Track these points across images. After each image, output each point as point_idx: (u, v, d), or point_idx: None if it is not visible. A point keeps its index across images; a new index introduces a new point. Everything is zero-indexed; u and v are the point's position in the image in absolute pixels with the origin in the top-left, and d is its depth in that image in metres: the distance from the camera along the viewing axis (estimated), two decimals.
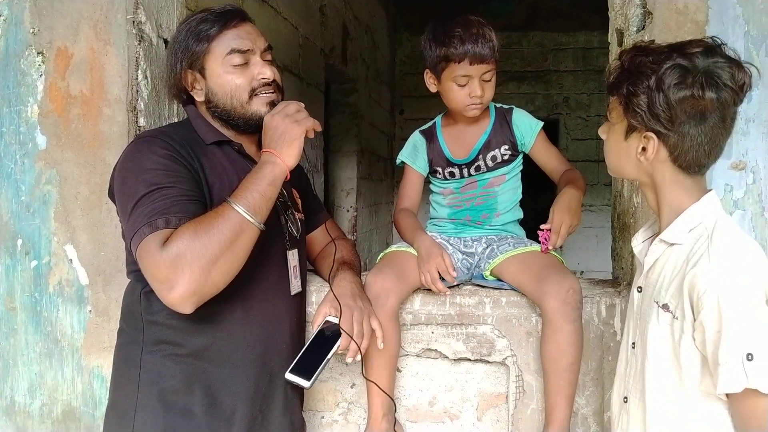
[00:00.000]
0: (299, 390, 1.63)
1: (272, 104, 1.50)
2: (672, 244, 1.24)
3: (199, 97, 1.53)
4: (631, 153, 1.24)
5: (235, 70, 1.48)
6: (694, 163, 1.21)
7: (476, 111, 1.81)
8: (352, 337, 1.50)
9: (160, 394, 1.40)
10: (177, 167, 1.37)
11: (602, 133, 1.33)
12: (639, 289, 1.32)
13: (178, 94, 1.57)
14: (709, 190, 1.24)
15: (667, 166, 1.22)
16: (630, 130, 1.23)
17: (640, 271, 1.34)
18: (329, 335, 1.49)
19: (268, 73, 1.50)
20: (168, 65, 1.56)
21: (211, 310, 1.37)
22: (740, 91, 1.16)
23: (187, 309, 1.28)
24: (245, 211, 1.30)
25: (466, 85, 1.76)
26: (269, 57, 1.55)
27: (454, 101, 1.81)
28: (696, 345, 1.14)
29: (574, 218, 1.69)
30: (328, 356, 1.46)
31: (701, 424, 1.16)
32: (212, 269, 1.26)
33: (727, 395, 1.11)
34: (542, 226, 1.70)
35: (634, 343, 1.31)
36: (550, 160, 1.90)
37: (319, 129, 1.44)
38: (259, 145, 1.62)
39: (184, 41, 1.50)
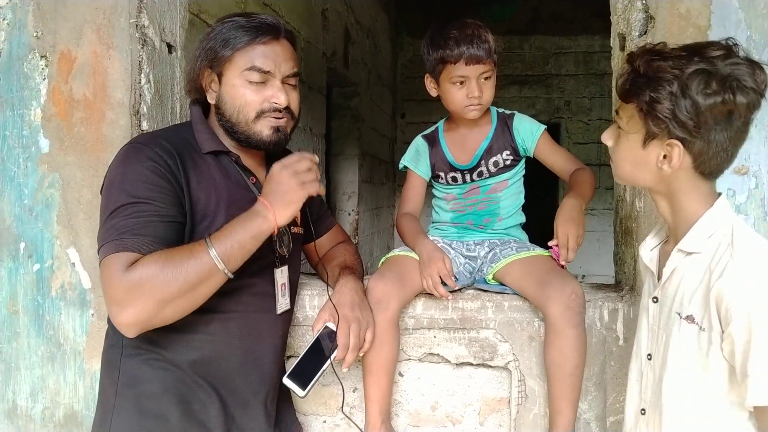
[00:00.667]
0: (281, 404, 1.63)
1: (277, 130, 1.48)
2: (690, 253, 1.19)
3: (211, 99, 1.51)
4: (650, 161, 1.18)
5: (250, 86, 1.45)
6: (717, 169, 1.17)
7: (476, 112, 1.81)
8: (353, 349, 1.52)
9: (136, 398, 1.40)
10: (160, 181, 1.36)
11: (607, 139, 1.27)
12: (655, 300, 1.28)
13: (193, 89, 1.55)
14: (719, 194, 1.21)
15: (688, 173, 1.17)
16: (649, 137, 1.16)
17: (651, 281, 1.31)
18: (327, 341, 1.51)
19: (282, 98, 1.45)
20: (192, 58, 1.53)
21: (187, 320, 1.35)
22: (763, 93, 1.12)
23: (130, 334, 1.30)
24: (217, 257, 1.29)
25: (464, 87, 1.77)
26: (293, 82, 1.51)
27: (453, 103, 1.82)
28: (724, 355, 1.11)
29: (579, 228, 1.66)
30: (324, 367, 1.47)
31: None
32: (167, 307, 1.27)
33: (755, 409, 1.09)
34: (550, 243, 1.69)
35: (650, 355, 1.28)
36: (557, 160, 1.90)
37: (323, 193, 1.44)
38: (260, 159, 1.60)
39: (213, 41, 1.46)
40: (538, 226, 1.82)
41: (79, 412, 1.85)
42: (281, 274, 1.56)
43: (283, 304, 1.57)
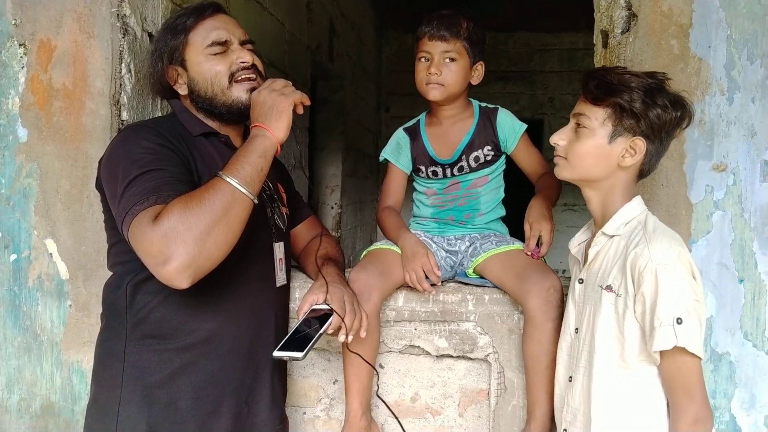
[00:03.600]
0: (284, 385, 1.63)
1: (253, 90, 1.50)
2: (612, 237, 1.41)
3: (182, 91, 1.54)
4: (612, 156, 1.38)
5: (214, 58, 1.50)
6: (649, 170, 1.42)
7: (435, 92, 1.80)
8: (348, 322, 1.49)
9: (145, 388, 1.40)
10: (167, 152, 1.37)
11: (560, 140, 1.44)
12: (580, 281, 1.48)
13: (161, 90, 1.58)
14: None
15: (631, 172, 1.40)
16: (617, 134, 1.36)
17: (578, 267, 1.53)
18: (316, 321, 1.46)
19: (247, 57, 1.51)
20: (150, 65, 1.57)
21: (196, 302, 1.37)
22: (692, 116, 1.40)
23: (183, 283, 1.24)
24: (237, 183, 1.28)
25: (427, 64, 1.79)
26: (249, 47, 1.56)
27: (417, 81, 1.83)
28: (636, 317, 1.32)
29: (550, 223, 1.73)
30: (321, 331, 1.42)
31: (639, 388, 1.34)
32: (206, 240, 1.23)
33: (660, 359, 1.29)
34: (527, 245, 1.73)
35: (577, 329, 1.47)
36: (530, 163, 1.92)
37: (308, 103, 1.45)
38: (245, 136, 1.62)
39: (163, 38, 1.53)
40: (518, 220, 1.84)
41: (56, 403, 1.83)
42: (279, 249, 1.59)
43: (281, 277, 1.60)
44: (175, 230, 1.21)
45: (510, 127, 1.88)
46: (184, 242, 1.21)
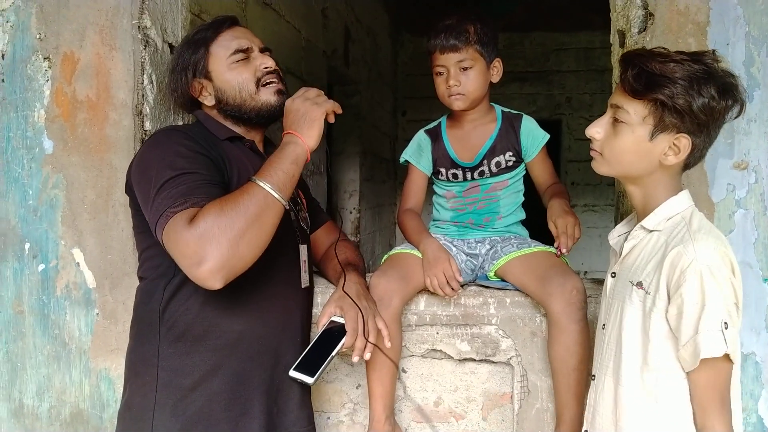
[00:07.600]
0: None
1: (280, 93, 1.57)
2: (651, 231, 1.33)
3: (208, 102, 1.59)
4: (654, 153, 1.28)
5: (238, 66, 1.56)
6: (695, 163, 1.33)
7: (459, 103, 1.82)
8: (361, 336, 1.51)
9: (179, 392, 1.42)
10: (199, 156, 1.41)
11: (596, 132, 1.34)
12: (613, 275, 1.41)
13: (185, 104, 1.63)
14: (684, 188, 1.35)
15: (677, 166, 1.30)
16: (658, 130, 1.26)
17: (614, 260, 1.44)
18: (334, 335, 1.50)
19: (269, 62, 1.57)
20: (172, 80, 1.62)
21: (227, 303, 1.40)
22: (744, 100, 1.28)
23: (217, 284, 1.27)
24: (271, 188, 1.32)
25: (444, 77, 1.80)
26: (269, 55, 1.61)
27: (438, 94, 1.84)
28: (666, 317, 1.23)
29: (574, 218, 1.72)
30: (332, 354, 1.47)
31: (663, 394, 1.26)
32: (240, 243, 1.26)
33: (699, 366, 1.19)
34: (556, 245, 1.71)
35: (604, 325, 1.40)
36: (543, 173, 1.92)
37: (340, 111, 1.48)
38: (265, 142, 1.68)
39: (184, 53, 1.58)
40: (538, 223, 1.84)
41: (85, 410, 1.86)
42: (303, 251, 1.63)
43: (305, 279, 1.63)
44: (210, 232, 1.24)
45: (534, 136, 1.88)
46: (218, 244, 1.24)
